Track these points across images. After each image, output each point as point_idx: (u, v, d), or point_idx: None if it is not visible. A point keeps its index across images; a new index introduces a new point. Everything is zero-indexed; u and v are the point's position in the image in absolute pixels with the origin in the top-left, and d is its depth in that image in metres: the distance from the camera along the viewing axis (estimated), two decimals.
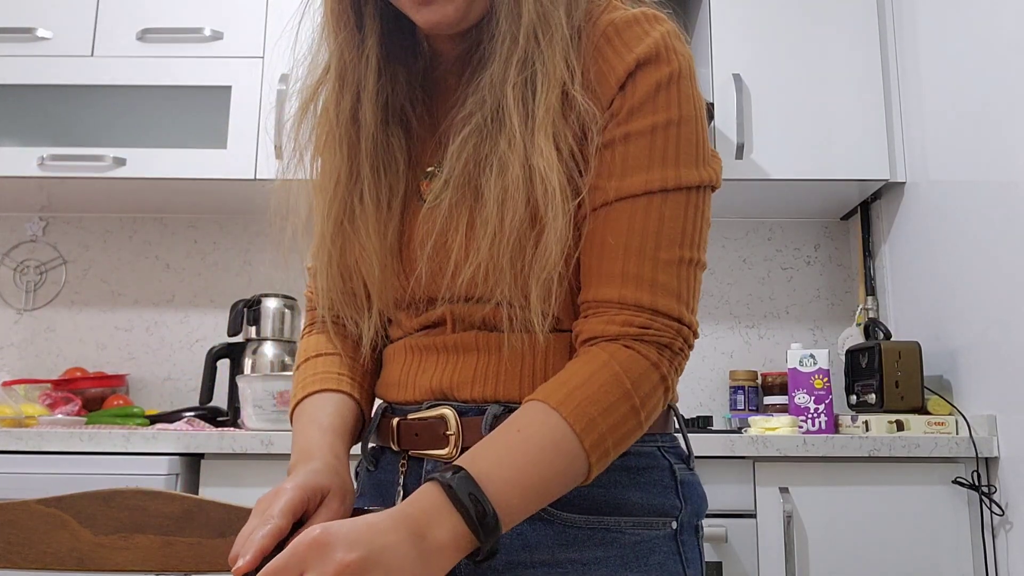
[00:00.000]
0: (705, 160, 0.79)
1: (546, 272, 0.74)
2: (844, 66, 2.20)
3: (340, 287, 0.88)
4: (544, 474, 0.69)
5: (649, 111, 0.77)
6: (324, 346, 0.92)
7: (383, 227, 0.83)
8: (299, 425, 0.86)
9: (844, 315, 2.49)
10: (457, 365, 0.82)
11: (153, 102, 2.23)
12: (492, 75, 0.77)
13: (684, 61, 0.79)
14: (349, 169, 0.84)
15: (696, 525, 0.84)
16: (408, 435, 0.83)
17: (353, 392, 0.88)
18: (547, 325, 0.76)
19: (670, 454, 0.84)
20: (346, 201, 0.85)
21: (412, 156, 0.87)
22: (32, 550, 0.83)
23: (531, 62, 0.76)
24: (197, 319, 2.54)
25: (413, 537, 0.63)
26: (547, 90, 0.75)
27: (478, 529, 0.65)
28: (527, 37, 0.76)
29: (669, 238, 0.76)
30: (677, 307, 0.76)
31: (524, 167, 0.74)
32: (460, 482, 0.66)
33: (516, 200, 0.74)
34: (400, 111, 0.86)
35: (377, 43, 0.84)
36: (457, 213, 0.78)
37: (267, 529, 0.68)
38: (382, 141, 0.84)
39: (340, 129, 0.84)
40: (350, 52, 0.84)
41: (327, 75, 0.86)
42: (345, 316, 0.89)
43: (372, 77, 0.84)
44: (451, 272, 0.78)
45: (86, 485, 0.87)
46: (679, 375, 0.78)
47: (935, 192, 2.07)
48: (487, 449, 0.70)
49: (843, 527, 1.75)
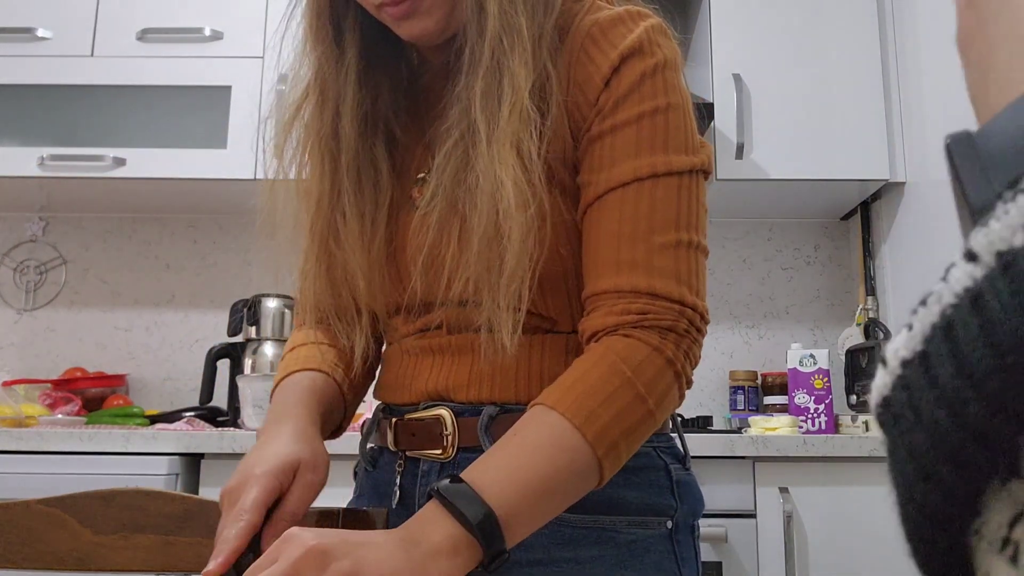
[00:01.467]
0: (694, 147, 0.79)
1: (514, 284, 0.74)
2: (844, 66, 2.20)
3: (330, 303, 0.88)
4: (544, 471, 0.68)
5: (635, 101, 0.77)
6: (312, 338, 0.93)
7: (367, 242, 0.84)
8: (275, 397, 0.86)
9: (844, 315, 2.49)
10: (453, 367, 0.82)
11: (153, 102, 2.23)
12: (466, 85, 0.77)
13: (669, 53, 0.79)
14: (331, 185, 0.84)
15: (692, 525, 0.84)
16: (405, 435, 0.83)
17: (335, 375, 0.88)
18: (515, 339, 0.75)
19: (666, 454, 0.83)
20: (329, 218, 0.85)
21: (397, 165, 0.87)
22: (32, 550, 0.83)
23: (497, 71, 0.76)
24: (197, 319, 2.54)
25: (405, 543, 0.62)
26: (511, 98, 0.75)
27: (474, 529, 0.64)
28: (492, 46, 0.75)
29: (663, 221, 0.75)
30: (677, 288, 0.74)
31: (489, 179, 0.74)
32: (449, 485, 0.66)
33: (483, 212, 0.74)
34: (384, 121, 0.86)
35: (357, 55, 0.84)
36: (448, 223, 0.78)
37: (239, 527, 0.67)
38: (364, 154, 0.84)
39: (321, 144, 0.84)
40: (329, 66, 0.84)
41: (308, 91, 0.86)
42: (337, 330, 0.89)
43: (351, 90, 0.84)
44: (445, 282, 0.78)
45: (86, 485, 0.87)
46: (691, 359, 0.75)
47: (935, 192, 2.07)
48: (482, 458, 0.70)
49: (843, 527, 1.75)
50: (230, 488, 0.71)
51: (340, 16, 0.85)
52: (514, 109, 0.74)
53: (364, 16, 0.84)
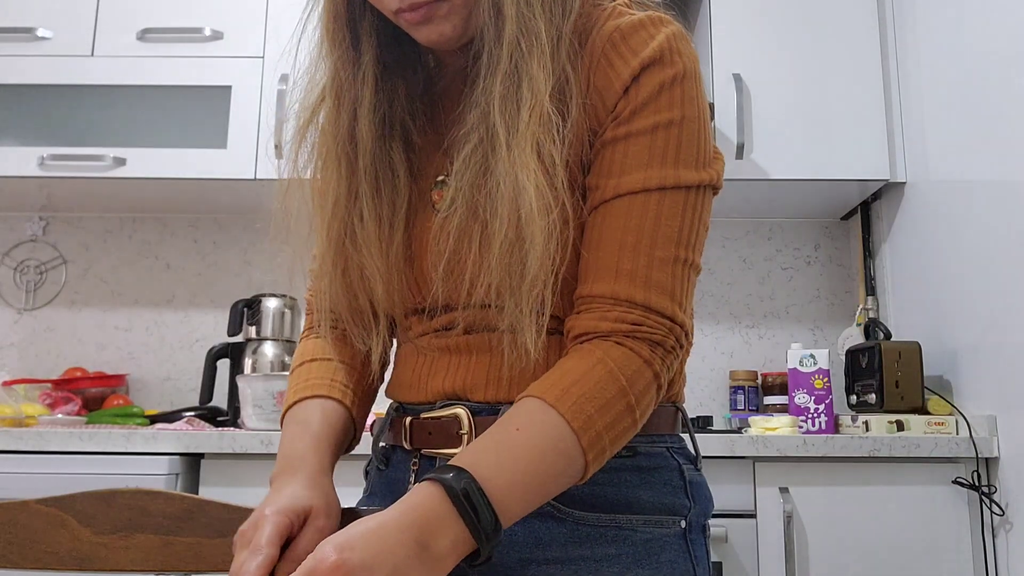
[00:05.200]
0: (706, 161, 0.79)
1: (537, 288, 0.74)
2: (844, 66, 2.20)
3: (346, 306, 0.87)
4: (544, 476, 0.69)
5: (651, 111, 0.77)
6: (320, 351, 0.92)
7: (385, 245, 0.83)
8: (286, 430, 0.85)
9: (844, 315, 2.49)
10: (470, 367, 0.82)
11: (153, 102, 2.23)
12: (484, 89, 0.77)
13: (689, 62, 0.79)
14: (348, 188, 0.84)
15: (704, 524, 0.85)
16: (421, 434, 0.83)
17: (344, 400, 0.88)
18: (539, 342, 0.75)
19: (679, 455, 0.84)
20: (346, 221, 0.84)
21: (415, 169, 0.86)
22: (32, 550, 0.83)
23: (515, 74, 0.75)
24: (197, 319, 2.54)
25: (419, 547, 0.63)
26: (531, 102, 0.75)
27: (480, 536, 0.65)
28: (511, 49, 0.75)
29: (665, 236, 0.76)
30: (670, 305, 0.76)
31: (510, 183, 0.74)
32: (467, 489, 0.65)
33: (504, 217, 0.74)
34: (400, 125, 0.86)
35: (374, 59, 0.84)
36: (468, 229, 0.77)
37: (259, 560, 0.67)
38: (381, 157, 0.84)
39: (338, 147, 0.84)
40: (346, 70, 0.84)
41: (324, 95, 0.86)
42: (352, 335, 0.89)
43: (368, 93, 0.83)
44: (467, 287, 0.78)
45: (86, 485, 0.87)
46: (671, 374, 0.78)
47: (935, 192, 2.07)
48: (487, 450, 0.69)
49: (843, 527, 1.75)
50: (243, 530, 0.72)
51: (357, 21, 0.84)
52: (534, 113, 0.74)
53: (381, 21, 0.84)
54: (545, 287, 0.74)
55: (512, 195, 0.73)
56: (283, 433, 0.86)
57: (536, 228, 0.73)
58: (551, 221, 0.73)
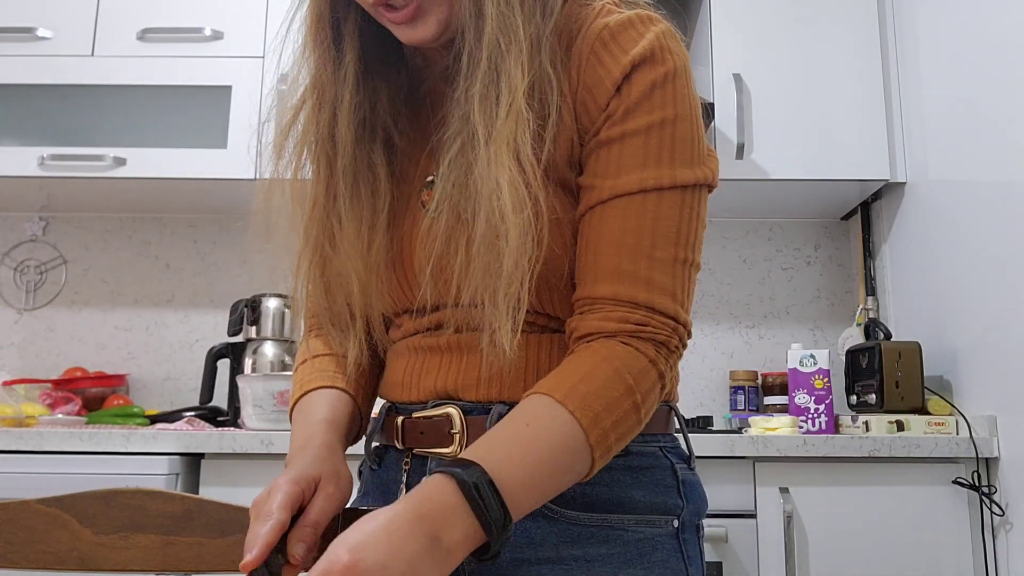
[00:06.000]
0: (701, 159, 0.79)
1: (513, 286, 0.74)
2: (844, 66, 2.20)
3: (324, 307, 0.88)
4: (552, 471, 0.70)
5: (645, 110, 0.77)
6: (323, 347, 0.93)
7: (364, 247, 0.83)
8: (295, 422, 0.87)
9: (844, 315, 2.49)
10: (461, 366, 0.82)
11: (153, 102, 2.23)
12: (465, 89, 0.77)
13: (679, 60, 0.79)
14: (326, 189, 0.84)
15: (697, 524, 0.85)
16: (413, 433, 0.83)
17: (348, 388, 0.89)
18: (514, 340, 0.75)
19: (672, 454, 0.84)
20: (324, 222, 0.85)
21: (396, 171, 0.86)
22: (32, 550, 0.83)
23: (494, 73, 0.76)
24: (197, 319, 2.54)
25: (430, 540, 0.63)
26: (507, 99, 0.75)
27: (491, 530, 0.65)
28: (490, 49, 0.75)
29: (664, 237, 0.76)
30: (672, 306, 0.76)
31: (487, 182, 0.74)
32: (478, 482, 0.66)
33: (482, 216, 0.74)
34: (382, 127, 0.86)
35: (355, 59, 0.84)
36: (454, 230, 0.78)
37: (270, 524, 0.69)
38: (361, 159, 0.84)
39: (317, 148, 0.84)
40: (327, 70, 0.84)
41: (305, 95, 0.86)
42: (331, 336, 0.90)
43: (348, 94, 0.83)
44: (455, 290, 0.78)
45: (86, 485, 0.87)
46: (674, 375, 0.78)
47: (935, 192, 2.07)
48: (498, 444, 0.70)
49: (843, 527, 1.75)
50: (257, 499, 0.73)
51: (340, 20, 0.84)
52: (511, 111, 0.74)
53: (365, 20, 0.84)
54: (521, 285, 0.74)
55: (489, 193, 0.74)
56: (292, 425, 0.87)
57: (511, 225, 0.73)
58: (526, 217, 0.73)
